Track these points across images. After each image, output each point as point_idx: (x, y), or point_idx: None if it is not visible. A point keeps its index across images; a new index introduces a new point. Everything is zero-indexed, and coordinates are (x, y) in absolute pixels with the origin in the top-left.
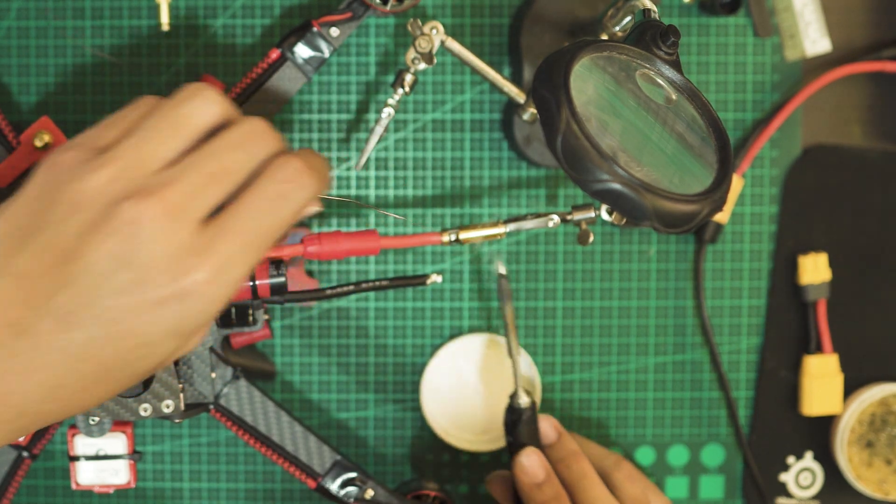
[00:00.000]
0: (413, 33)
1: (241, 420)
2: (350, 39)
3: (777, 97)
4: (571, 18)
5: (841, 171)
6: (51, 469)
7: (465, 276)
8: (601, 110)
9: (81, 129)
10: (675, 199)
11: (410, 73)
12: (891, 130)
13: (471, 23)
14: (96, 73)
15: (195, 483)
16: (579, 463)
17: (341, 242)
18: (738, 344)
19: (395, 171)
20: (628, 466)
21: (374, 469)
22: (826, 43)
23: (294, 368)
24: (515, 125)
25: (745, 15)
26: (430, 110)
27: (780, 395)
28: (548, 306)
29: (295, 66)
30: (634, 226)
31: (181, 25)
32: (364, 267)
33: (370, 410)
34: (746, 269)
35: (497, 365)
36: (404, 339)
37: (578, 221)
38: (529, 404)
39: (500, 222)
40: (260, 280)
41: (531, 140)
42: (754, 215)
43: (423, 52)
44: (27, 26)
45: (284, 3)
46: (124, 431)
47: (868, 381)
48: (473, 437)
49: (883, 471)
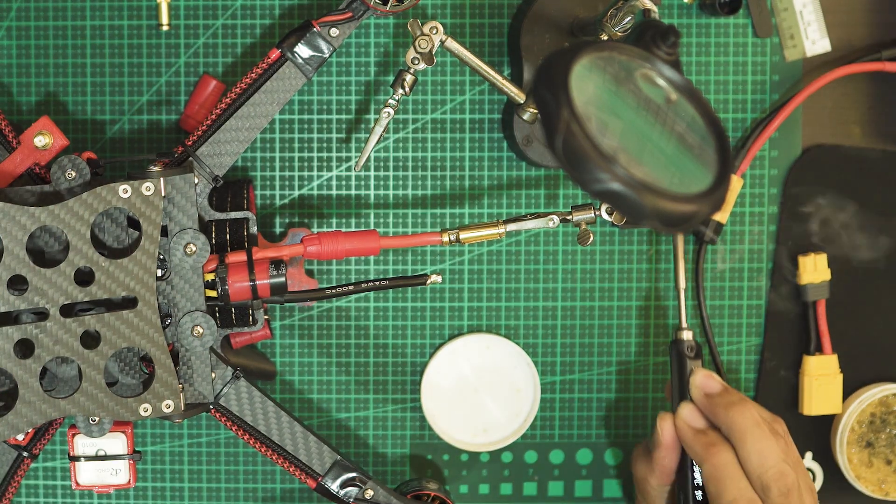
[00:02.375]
0: (413, 33)
1: (241, 420)
2: (350, 39)
3: (777, 97)
4: (571, 18)
5: (841, 171)
6: (51, 469)
7: (465, 276)
8: (601, 110)
9: (81, 129)
10: (674, 198)
11: (410, 74)
12: (891, 130)
13: (470, 23)
14: (96, 74)
15: (195, 483)
16: (750, 410)
17: (341, 242)
18: (738, 344)
19: (394, 171)
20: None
21: (374, 469)
22: (826, 43)
23: (294, 368)
24: (515, 125)
25: (745, 15)
26: (430, 110)
27: (779, 395)
28: (547, 306)
29: (295, 66)
30: (634, 226)
31: (181, 25)
32: (364, 267)
33: (370, 410)
34: (746, 269)
35: (497, 365)
36: (404, 339)
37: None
38: (693, 338)
39: (500, 222)
40: (260, 280)
41: (531, 140)
42: (754, 215)
43: (423, 52)
44: (27, 26)
45: (284, 3)
46: (124, 431)
47: (868, 381)
48: (473, 438)
49: (883, 471)
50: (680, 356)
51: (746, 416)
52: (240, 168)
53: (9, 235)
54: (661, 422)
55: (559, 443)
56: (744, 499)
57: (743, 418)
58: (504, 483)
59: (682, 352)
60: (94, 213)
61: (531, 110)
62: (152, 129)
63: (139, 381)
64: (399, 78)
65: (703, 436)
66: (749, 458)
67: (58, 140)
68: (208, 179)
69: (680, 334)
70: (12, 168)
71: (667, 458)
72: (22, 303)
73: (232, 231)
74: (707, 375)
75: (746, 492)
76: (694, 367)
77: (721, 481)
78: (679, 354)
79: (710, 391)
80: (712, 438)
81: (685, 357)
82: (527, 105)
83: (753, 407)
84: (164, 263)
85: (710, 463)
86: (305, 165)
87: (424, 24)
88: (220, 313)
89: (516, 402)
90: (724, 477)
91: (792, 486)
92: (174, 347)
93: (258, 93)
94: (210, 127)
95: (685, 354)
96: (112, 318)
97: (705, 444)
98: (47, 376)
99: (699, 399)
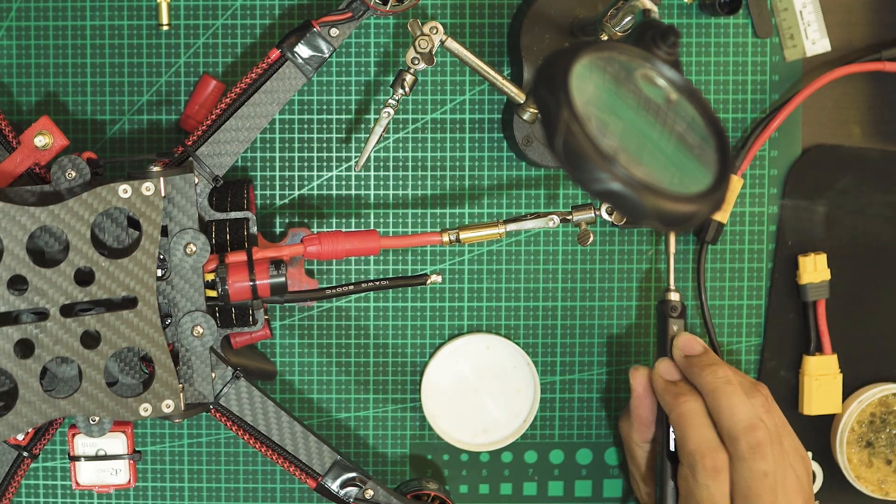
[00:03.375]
0: (413, 33)
1: (241, 420)
2: (350, 39)
3: (777, 97)
4: (571, 18)
5: (841, 171)
6: (51, 469)
7: (465, 276)
8: (601, 110)
9: (81, 129)
10: (674, 198)
11: (410, 74)
12: (891, 130)
13: (470, 23)
14: (96, 74)
15: (195, 483)
16: (724, 370)
17: (341, 242)
18: (738, 344)
19: (394, 171)
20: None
21: (374, 469)
22: (826, 43)
23: (294, 368)
24: (515, 125)
25: (745, 15)
26: (430, 110)
27: (779, 395)
28: (547, 306)
29: (295, 66)
30: (634, 226)
31: (181, 25)
32: (364, 267)
33: (370, 410)
34: (746, 269)
35: (497, 365)
36: (404, 339)
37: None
38: (680, 300)
39: (500, 222)
40: (260, 280)
41: (531, 140)
42: (754, 215)
43: (423, 52)
44: (27, 26)
45: (284, 3)
46: (124, 431)
47: (868, 381)
48: (473, 438)
49: (883, 471)
50: (664, 316)
51: (719, 374)
52: (240, 168)
53: (9, 235)
54: (633, 372)
55: (559, 443)
56: (707, 446)
57: (715, 377)
58: (504, 483)
59: (666, 312)
60: (94, 213)
61: (531, 110)
62: (152, 129)
63: (139, 381)
64: (399, 78)
65: (673, 386)
66: (720, 413)
67: (58, 140)
68: (208, 179)
69: (667, 295)
70: (12, 168)
71: (640, 407)
72: (22, 303)
73: (232, 231)
74: (690, 338)
75: (711, 441)
76: (678, 327)
77: (685, 429)
78: (663, 314)
79: (691, 352)
80: (682, 389)
81: (668, 317)
82: (527, 105)
83: (729, 368)
84: (165, 263)
85: (676, 412)
86: (305, 165)
87: (424, 24)
88: (220, 313)
89: (516, 402)
90: (688, 425)
91: (763, 441)
92: (174, 347)
93: (258, 93)
94: (210, 127)
95: (668, 315)
96: (112, 318)
97: (675, 393)
98: (47, 376)
99: (679, 359)
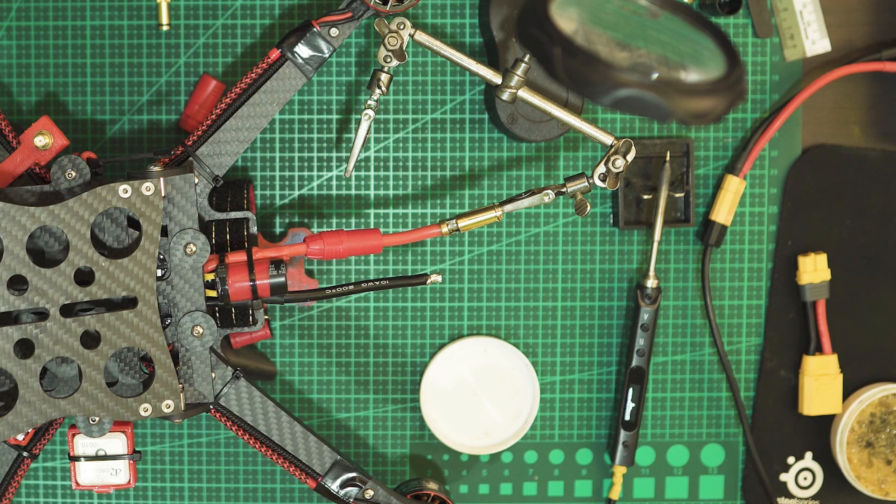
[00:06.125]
0: (381, 32)
1: (241, 420)
2: (350, 39)
3: (777, 97)
4: None
5: (841, 171)
6: (51, 469)
7: (465, 276)
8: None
9: (81, 129)
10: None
11: (385, 72)
12: (891, 130)
13: (470, 23)
14: (96, 74)
15: (195, 483)
16: None
17: (344, 241)
18: (738, 344)
19: (394, 171)
20: None
21: (374, 469)
22: (826, 43)
23: (294, 368)
24: (498, 106)
25: (745, 15)
26: (430, 110)
27: (779, 395)
28: (547, 306)
29: (295, 66)
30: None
31: (181, 25)
32: (364, 267)
33: (370, 410)
34: (746, 269)
35: (495, 367)
36: (404, 339)
37: (573, 192)
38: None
39: (497, 205)
40: (260, 280)
41: (516, 118)
42: (754, 215)
43: (394, 48)
44: (27, 26)
45: (284, 3)
46: (124, 431)
47: (868, 381)
48: (475, 441)
49: (883, 471)
50: (636, 301)
51: None
52: (240, 168)
53: (9, 235)
54: None
55: (559, 443)
56: None
57: None
58: (504, 483)
59: (641, 298)
60: (94, 213)
61: (509, 90)
62: (152, 129)
63: (139, 381)
64: (374, 78)
65: None
66: None
67: (58, 140)
68: (208, 179)
69: (645, 281)
70: (12, 168)
71: None
72: (22, 303)
73: (232, 231)
74: None
75: None
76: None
77: None
78: (636, 300)
79: None
80: None
81: (640, 305)
82: (504, 85)
83: None
84: (164, 263)
85: None
86: (305, 165)
87: (391, 21)
88: (220, 313)
89: (516, 404)
90: None
91: None
92: (174, 347)
93: (258, 93)
94: (210, 127)
95: (641, 302)
96: (112, 318)
97: None
98: (47, 376)
99: None
